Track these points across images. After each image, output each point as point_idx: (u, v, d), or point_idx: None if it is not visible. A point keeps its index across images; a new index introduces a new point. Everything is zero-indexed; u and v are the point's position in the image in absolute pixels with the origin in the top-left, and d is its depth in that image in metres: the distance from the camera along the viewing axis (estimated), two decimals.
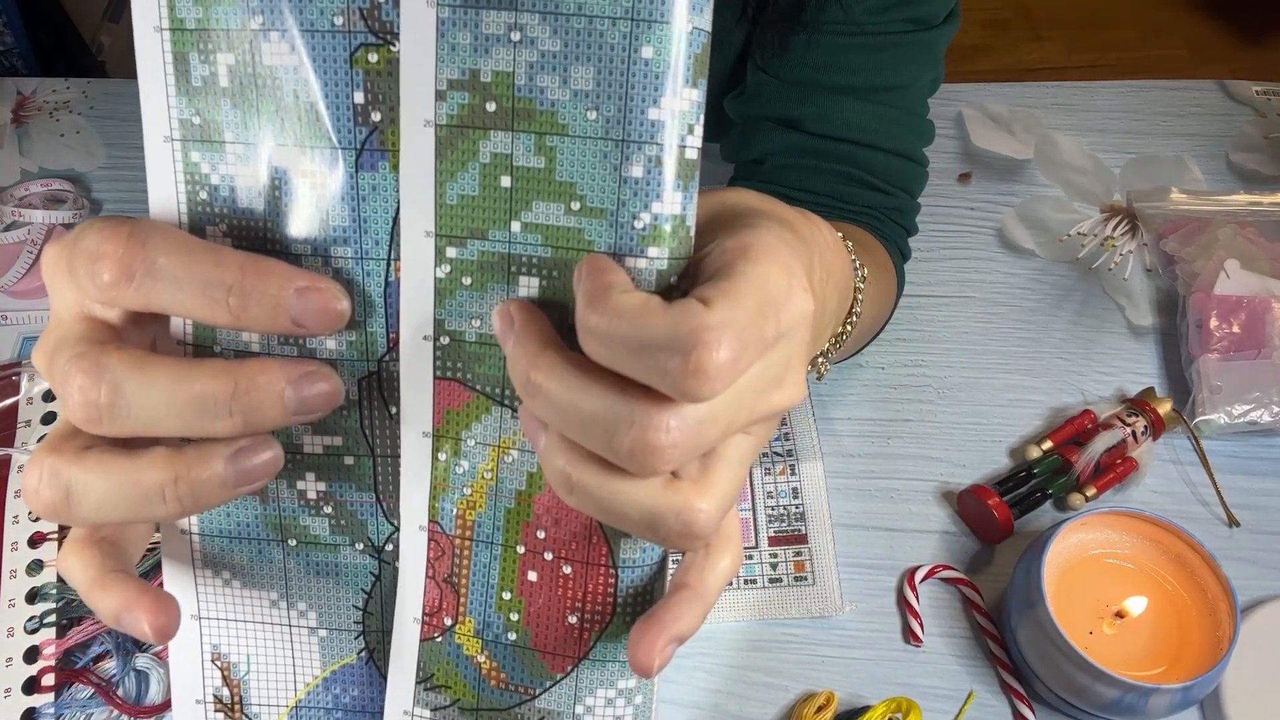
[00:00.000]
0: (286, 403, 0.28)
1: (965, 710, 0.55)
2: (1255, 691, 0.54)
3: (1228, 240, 0.69)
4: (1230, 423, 0.63)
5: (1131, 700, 0.50)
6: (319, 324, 0.28)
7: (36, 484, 0.28)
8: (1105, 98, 0.81)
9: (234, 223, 0.29)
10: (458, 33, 0.28)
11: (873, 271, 0.51)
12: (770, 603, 0.58)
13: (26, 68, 1.13)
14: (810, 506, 0.61)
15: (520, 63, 0.28)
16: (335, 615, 0.33)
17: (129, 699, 0.56)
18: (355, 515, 0.32)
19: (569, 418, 0.27)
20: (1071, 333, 0.69)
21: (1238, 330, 0.65)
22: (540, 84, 0.28)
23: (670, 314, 0.26)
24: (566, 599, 0.32)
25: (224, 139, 0.29)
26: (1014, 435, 0.65)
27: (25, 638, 0.57)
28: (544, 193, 0.29)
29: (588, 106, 0.28)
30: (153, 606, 0.29)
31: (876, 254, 0.58)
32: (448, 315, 0.30)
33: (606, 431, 0.26)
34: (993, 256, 0.73)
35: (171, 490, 0.27)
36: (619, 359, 0.26)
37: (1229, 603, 0.52)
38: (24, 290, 0.72)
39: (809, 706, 0.54)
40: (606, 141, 0.28)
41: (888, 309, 0.61)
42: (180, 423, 0.27)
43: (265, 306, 0.27)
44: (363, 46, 0.28)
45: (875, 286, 0.53)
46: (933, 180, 0.76)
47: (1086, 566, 0.55)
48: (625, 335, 0.26)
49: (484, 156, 0.29)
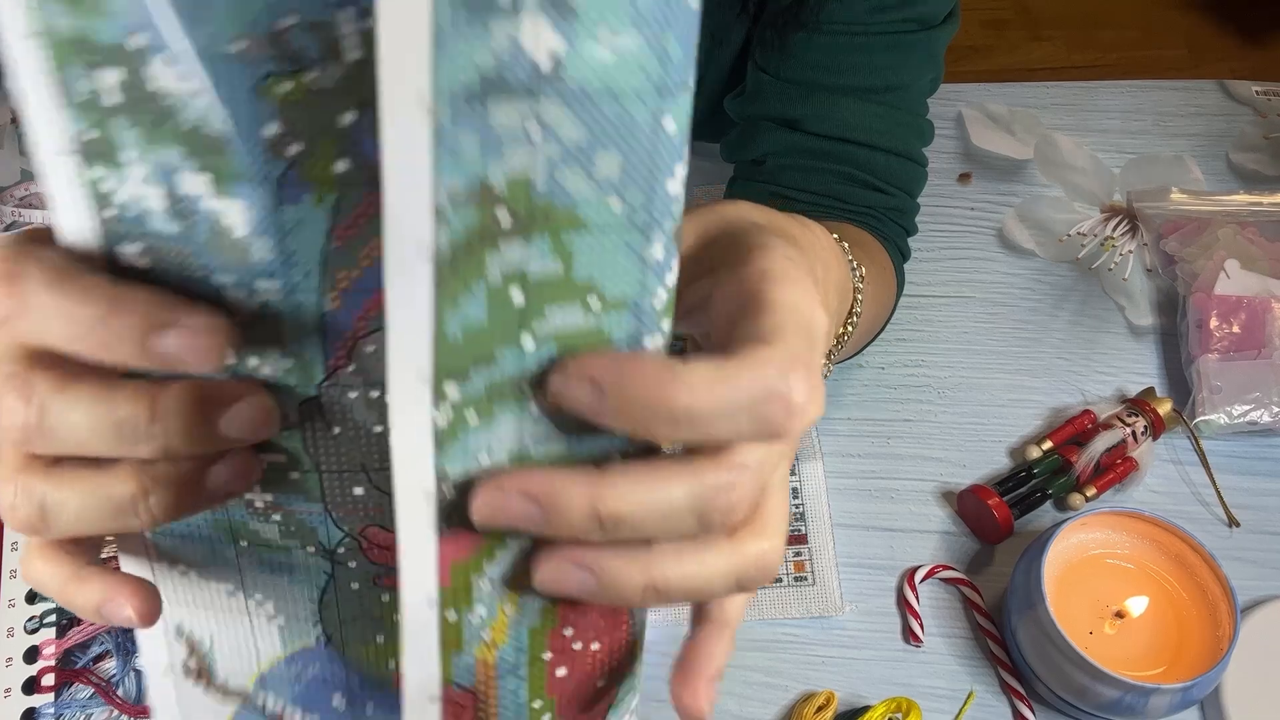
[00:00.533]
0: (212, 426, 0.26)
1: (965, 710, 0.55)
2: (1255, 691, 0.54)
3: (1228, 240, 0.69)
4: (1230, 423, 0.63)
5: (1131, 700, 0.50)
6: (194, 362, 0.26)
7: (12, 501, 0.27)
8: (1105, 98, 0.81)
9: (151, 244, 0.26)
10: (461, 136, 0.22)
11: (871, 272, 0.52)
12: (770, 603, 0.58)
13: None
14: (810, 506, 0.61)
15: (540, 160, 0.23)
16: (292, 606, 0.33)
17: (129, 699, 0.56)
18: (304, 523, 0.32)
19: (648, 524, 0.26)
20: (1071, 333, 0.69)
21: (1238, 330, 0.65)
22: (562, 180, 0.24)
23: (747, 365, 0.25)
24: (596, 670, 0.31)
25: (125, 159, 0.26)
26: (1014, 435, 0.65)
27: (25, 638, 0.57)
28: (560, 296, 0.25)
29: (611, 195, 0.24)
30: (135, 592, 0.29)
31: (875, 254, 0.58)
32: (451, 463, 0.25)
33: (695, 512, 0.26)
34: (993, 256, 0.73)
35: (143, 504, 0.27)
36: (715, 427, 0.25)
37: (1229, 603, 0.52)
38: None
39: (809, 706, 0.54)
40: (631, 229, 0.25)
41: (888, 309, 0.62)
42: (104, 445, 0.26)
43: (131, 344, 0.25)
44: (270, 76, 0.24)
45: (874, 287, 0.53)
46: (933, 180, 0.76)
47: (1086, 566, 0.55)
48: (722, 401, 0.25)
49: (493, 276, 0.24)
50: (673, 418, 0.25)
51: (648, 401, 0.25)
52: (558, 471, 0.26)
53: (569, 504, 0.25)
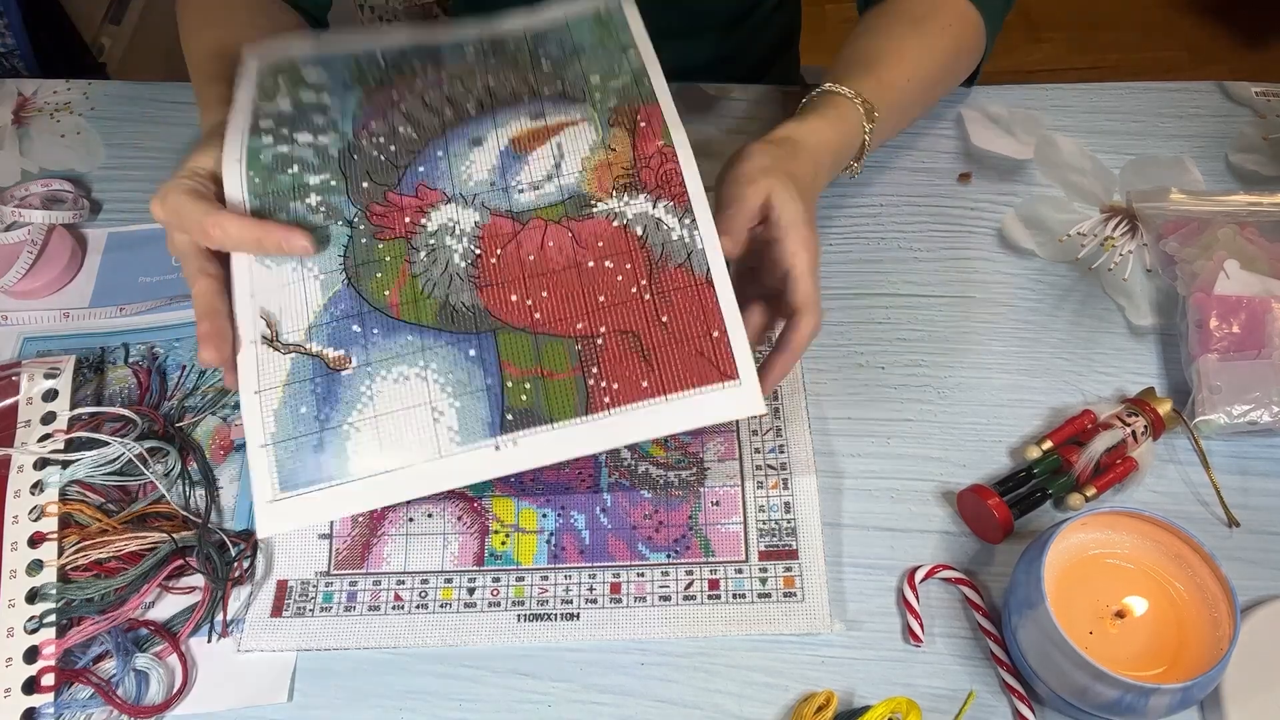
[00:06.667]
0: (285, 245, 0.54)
1: (965, 710, 0.55)
2: (1255, 691, 0.54)
3: (1228, 240, 0.69)
4: (1230, 423, 0.63)
5: (1131, 700, 0.50)
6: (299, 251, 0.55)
7: (200, 220, 0.53)
8: (1105, 99, 0.81)
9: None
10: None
11: (920, 41, 0.70)
12: (758, 618, 0.58)
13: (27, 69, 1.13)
14: (802, 521, 0.61)
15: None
16: (326, 263, 0.56)
17: (129, 699, 0.56)
18: (335, 206, 0.57)
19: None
20: (1071, 333, 0.69)
21: (1238, 330, 0.65)
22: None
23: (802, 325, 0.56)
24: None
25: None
26: (1014, 435, 0.65)
27: (25, 638, 0.57)
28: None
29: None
30: (301, 234, 0.54)
31: (933, 23, 0.70)
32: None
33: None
34: (993, 256, 0.73)
35: (259, 246, 0.54)
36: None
37: (1229, 603, 0.52)
38: (24, 290, 0.72)
39: (809, 706, 0.54)
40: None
41: (961, 54, 0.73)
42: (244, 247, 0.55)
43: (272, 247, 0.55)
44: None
45: (922, 50, 0.70)
46: (933, 180, 0.76)
47: (1086, 566, 0.55)
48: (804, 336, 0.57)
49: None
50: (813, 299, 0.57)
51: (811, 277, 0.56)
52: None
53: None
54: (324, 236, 0.56)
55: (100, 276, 0.74)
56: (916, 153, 0.78)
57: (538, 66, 0.61)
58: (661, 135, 0.57)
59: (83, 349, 0.69)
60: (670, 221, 0.55)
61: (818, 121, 0.63)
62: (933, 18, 0.71)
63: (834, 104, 0.65)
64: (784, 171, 0.58)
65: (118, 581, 0.58)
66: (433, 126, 0.59)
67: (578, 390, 0.52)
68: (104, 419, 0.64)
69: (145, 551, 0.60)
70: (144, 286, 0.73)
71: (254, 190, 0.57)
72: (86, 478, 0.62)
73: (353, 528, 0.62)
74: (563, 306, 0.54)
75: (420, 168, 0.58)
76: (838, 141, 0.64)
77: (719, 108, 0.80)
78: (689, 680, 0.57)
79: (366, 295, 0.55)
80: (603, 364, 0.53)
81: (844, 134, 0.64)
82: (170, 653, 0.58)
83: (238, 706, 0.57)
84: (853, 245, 0.73)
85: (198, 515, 0.62)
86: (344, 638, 0.58)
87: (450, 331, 0.54)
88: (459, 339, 0.54)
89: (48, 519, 0.60)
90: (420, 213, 0.57)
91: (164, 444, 0.63)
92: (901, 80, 0.68)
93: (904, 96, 0.69)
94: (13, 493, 0.61)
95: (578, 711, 0.56)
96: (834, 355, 0.68)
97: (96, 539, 0.59)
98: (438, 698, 0.57)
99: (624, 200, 0.56)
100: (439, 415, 0.53)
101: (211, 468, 0.64)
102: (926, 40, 0.70)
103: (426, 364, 0.54)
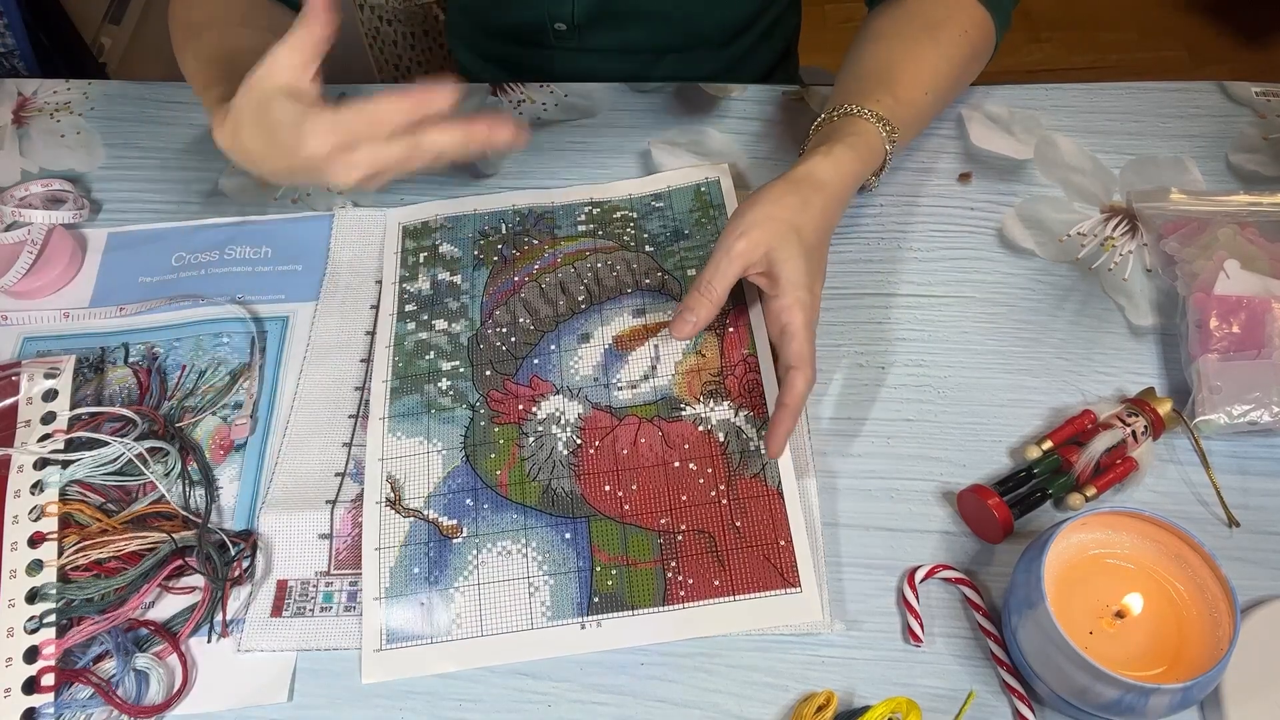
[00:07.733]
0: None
1: (965, 710, 0.55)
2: (1255, 691, 0.54)
3: (1228, 240, 0.69)
4: (1230, 423, 0.63)
5: (1131, 700, 0.50)
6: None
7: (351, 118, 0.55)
8: (1105, 99, 0.81)
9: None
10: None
11: (931, 51, 0.69)
12: (759, 618, 0.58)
13: (27, 69, 1.13)
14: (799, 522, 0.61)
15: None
16: (449, 440, 0.63)
17: (129, 699, 0.56)
18: (463, 393, 0.65)
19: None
20: (1071, 333, 0.69)
21: (1238, 330, 0.65)
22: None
23: (796, 383, 0.60)
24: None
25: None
26: (1014, 435, 0.65)
27: (25, 638, 0.57)
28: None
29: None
30: (509, 125, 0.56)
31: (945, 29, 0.70)
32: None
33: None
34: (993, 256, 0.73)
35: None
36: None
37: (1229, 603, 0.52)
38: (24, 290, 0.72)
39: (809, 706, 0.54)
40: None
41: (971, 55, 0.72)
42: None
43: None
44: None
45: (935, 59, 0.69)
46: (933, 180, 0.76)
47: (1086, 566, 0.55)
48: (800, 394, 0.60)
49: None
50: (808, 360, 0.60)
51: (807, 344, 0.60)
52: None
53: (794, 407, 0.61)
54: (449, 418, 0.64)
55: (100, 276, 0.74)
56: (916, 153, 0.78)
57: (640, 248, 0.70)
58: (747, 344, 0.65)
59: (83, 349, 0.69)
60: (750, 432, 0.62)
61: (844, 153, 0.63)
62: (948, 24, 0.70)
63: (856, 129, 0.65)
64: (789, 225, 0.59)
65: (118, 581, 0.58)
66: (548, 318, 0.68)
67: (657, 581, 0.58)
68: (104, 419, 0.64)
69: (145, 551, 0.60)
70: (144, 286, 0.73)
71: (396, 372, 0.66)
72: (86, 478, 0.62)
73: (352, 528, 0.62)
74: (650, 501, 0.60)
75: (535, 360, 0.66)
76: (861, 170, 0.65)
77: (719, 108, 0.80)
78: (689, 680, 0.57)
79: (481, 473, 0.62)
80: (681, 559, 0.59)
81: (867, 161, 0.65)
82: (170, 653, 0.58)
83: (238, 706, 0.57)
84: (853, 245, 0.73)
85: (197, 515, 0.62)
86: (344, 638, 0.58)
87: (550, 514, 0.60)
88: (557, 521, 0.60)
89: (48, 519, 0.60)
90: (532, 402, 0.64)
91: (164, 444, 0.63)
92: (920, 95, 0.68)
93: (922, 111, 0.69)
94: (13, 493, 0.61)
95: (578, 712, 0.56)
96: (834, 355, 0.68)
97: (96, 539, 0.60)
98: (438, 698, 0.57)
99: (709, 406, 0.63)
100: (534, 590, 0.58)
101: (211, 468, 0.64)
102: (943, 50, 0.70)
103: (527, 541, 0.60)
